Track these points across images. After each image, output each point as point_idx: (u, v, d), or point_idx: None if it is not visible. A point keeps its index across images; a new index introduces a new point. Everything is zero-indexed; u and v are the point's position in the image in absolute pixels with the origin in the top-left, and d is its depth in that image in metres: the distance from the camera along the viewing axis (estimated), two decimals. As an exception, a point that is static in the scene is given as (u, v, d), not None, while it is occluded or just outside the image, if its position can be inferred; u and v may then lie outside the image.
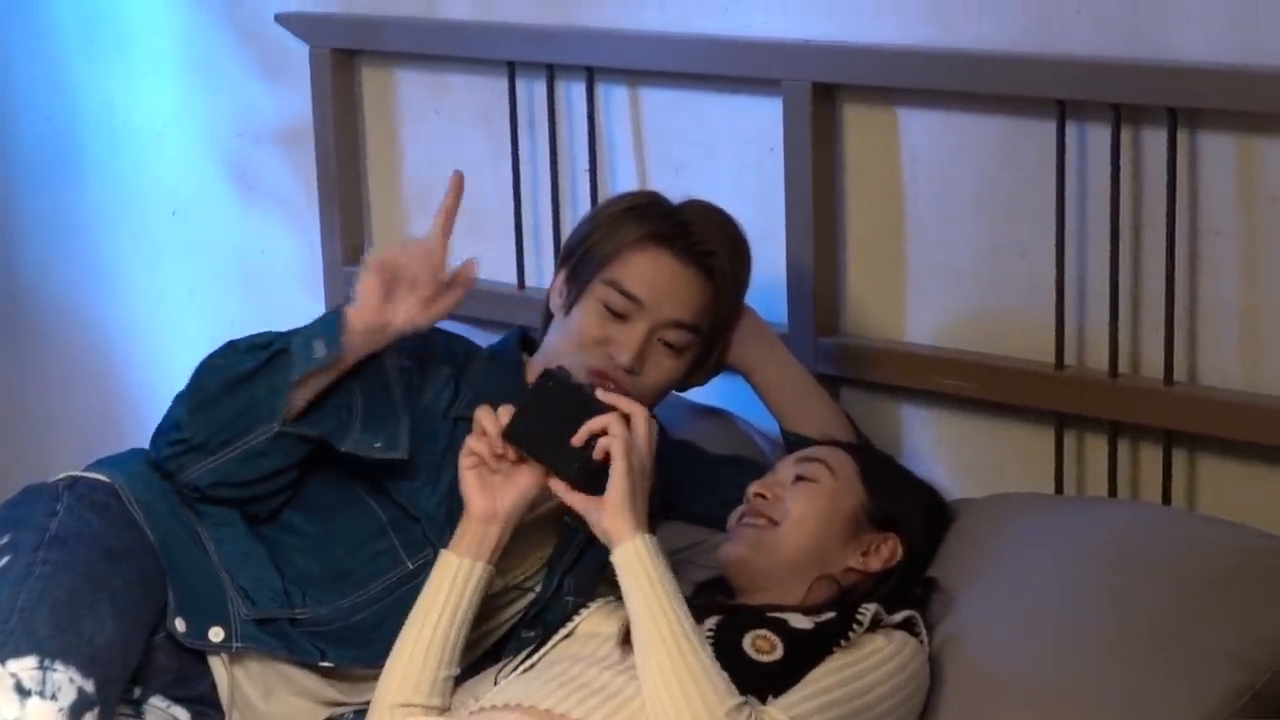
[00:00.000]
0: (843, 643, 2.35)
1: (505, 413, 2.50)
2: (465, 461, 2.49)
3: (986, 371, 2.85)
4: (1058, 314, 2.76)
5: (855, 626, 2.36)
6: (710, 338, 2.72)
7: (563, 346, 2.67)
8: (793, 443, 2.79)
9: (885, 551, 2.55)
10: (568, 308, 2.69)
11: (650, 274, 2.65)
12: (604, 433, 2.40)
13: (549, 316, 2.77)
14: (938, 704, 2.40)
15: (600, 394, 2.46)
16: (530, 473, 2.48)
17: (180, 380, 3.85)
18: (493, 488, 2.48)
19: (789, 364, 2.85)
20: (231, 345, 2.62)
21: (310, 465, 2.66)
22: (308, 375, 2.54)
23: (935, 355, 2.91)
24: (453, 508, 2.56)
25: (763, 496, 2.56)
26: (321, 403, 2.58)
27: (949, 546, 2.64)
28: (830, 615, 2.39)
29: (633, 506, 2.37)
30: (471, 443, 2.50)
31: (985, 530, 2.64)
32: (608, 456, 2.39)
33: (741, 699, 2.24)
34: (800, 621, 2.38)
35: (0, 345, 4.37)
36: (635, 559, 2.34)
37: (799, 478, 2.57)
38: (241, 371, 2.56)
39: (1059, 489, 2.82)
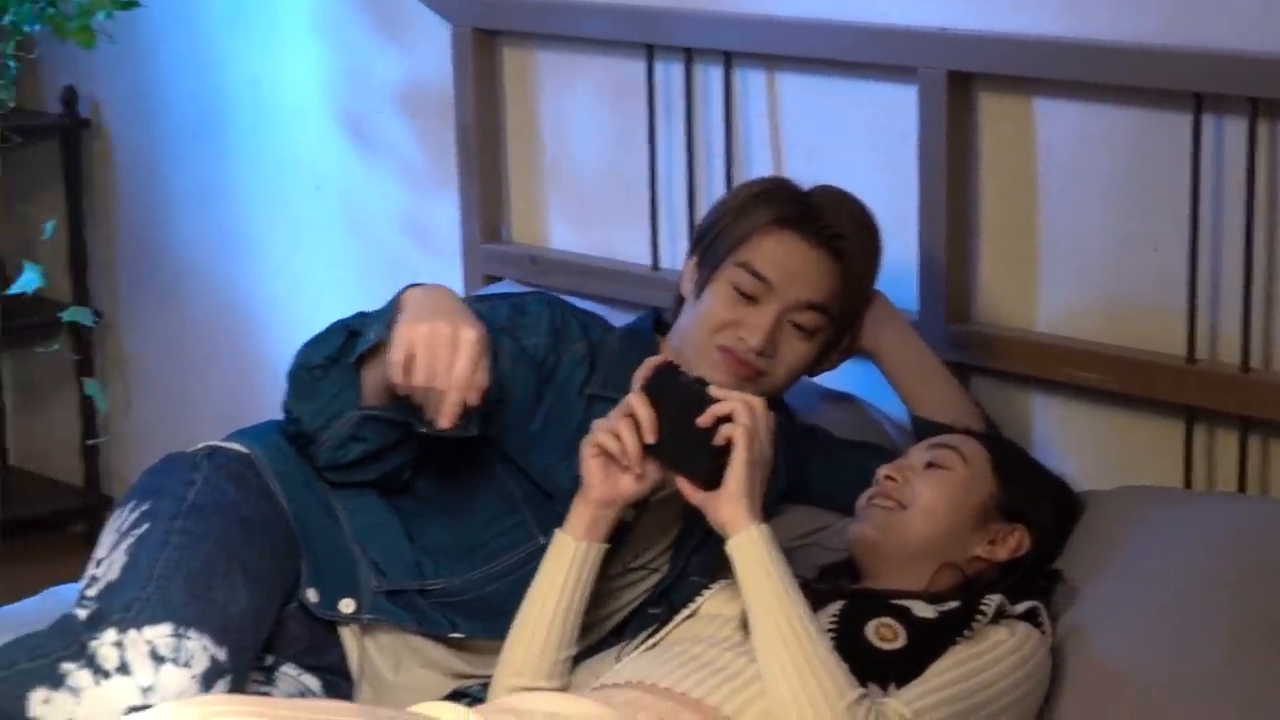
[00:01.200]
0: (966, 634, 2.34)
1: (642, 406, 2.48)
2: (590, 450, 2.48)
3: (1117, 363, 2.84)
4: (1189, 307, 2.75)
5: (979, 618, 2.36)
6: (840, 321, 2.73)
7: (693, 329, 2.69)
8: (922, 428, 2.79)
9: (1012, 542, 2.54)
10: (698, 291, 2.71)
11: (780, 256, 2.67)
12: (727, 419, 2.41)
13: (680, 300, 2.78)
14: (1058, 696, 2.40)
15: (714, 390, 2.44)
16: (656, 465, 2.49)
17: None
18: (616, 475, 2.48)
19: (919, 349, 2.85)
20: (330, 326, 2.66)
21: (441, 439, 2.69)
22: (368, 358, 2.56)
23: (1066, 346, 2.90)
24: None
25: (892, 479, 2.56)
26: None
27: (1075, 538, 2.63)
28: (954, 605, 2.39)
29: (750, 496, 2.37)
30: (605, 439, 2.46)
31: (1112, 523, 2.63)
32: (724, 449, 2.40)
33: (862, 691, 2.25)
34: (924, 610, 2.38)
35: (148, 317, 4.45)
36: (751, 549, 2.35)
37: (930, 464, 2.57)
38: (327, 355, 2.60)
39: (1188, 483, 2.81)
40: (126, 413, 4.52)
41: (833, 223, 2.69)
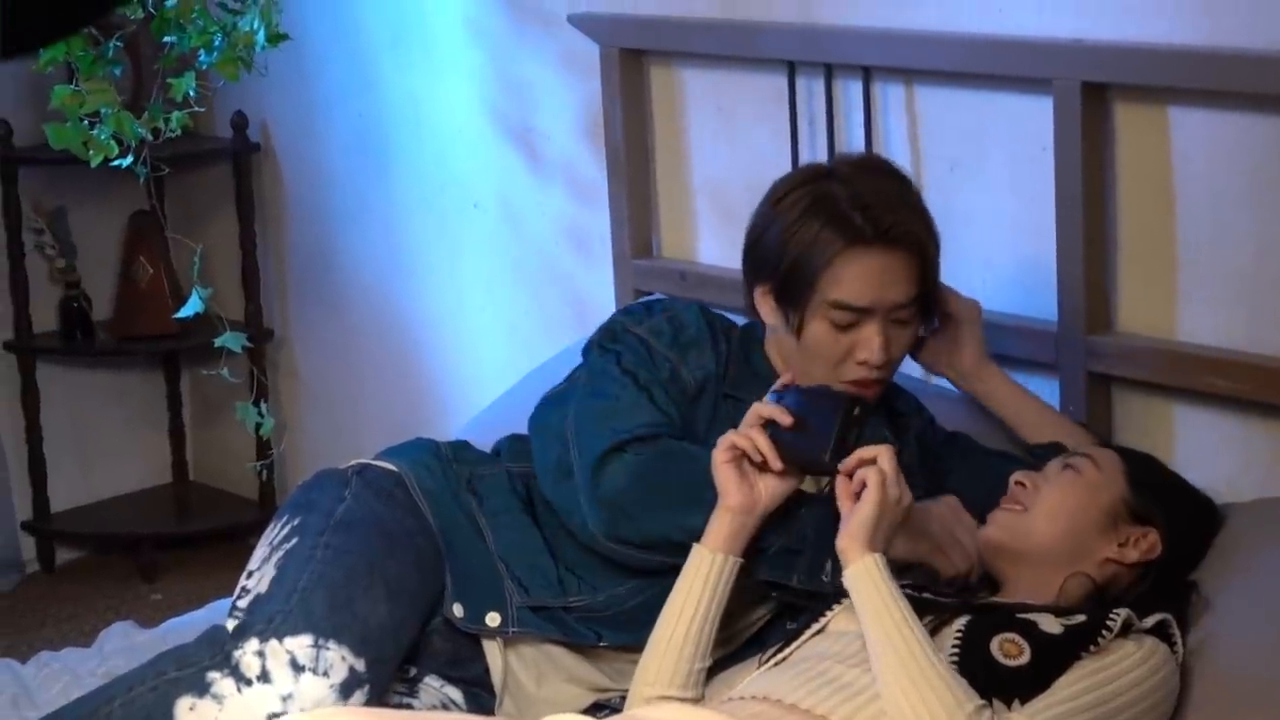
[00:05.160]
0: (1092, 649, 2.34)
1: (767, 406, 2.55)
2: (723, 456, 2.54)
3: (1259, 372, 2.81)
4: (1329, 315, 2.74)
5: (1105, 633, 2.35)
6: (929, 292, 2.72)
7: (813, 368, 2.68)
8: (1041, 456, 2.79)
9: (1145, 544, 2.52)
10: (796, 331, 2.68)
11: (863, 281, 2.64)
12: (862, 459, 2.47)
13: (755, 310, 2.77)
14: (1186, 709, 2.39)
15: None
16: (794, 473, 2.55)
17: (478, 372, 3.98)
18: (751, 480, 2.54)
19: (1024, 390, 2.87)
20: (666, 454, 2.64)
21: None
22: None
23: (1207, 355, 2.88)
24: None
25: (1022, 484, 2.57)
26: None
27: (1212, 549, 2.62)
28: (1080, 619, 2.38)
29: (871, 531, 2.41)
30: (737, 439, 2.53)
31: (1247, 535, 2.61)
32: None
33: (982, 701, 2.26)
34: (1050, 625, 2.37)
35: (318, 334, 4.55)
36: (866, 577, 2.37)
37: (1065, 468, 2.57)
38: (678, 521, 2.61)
39: (1330, 494, 2.78)
40: (298, 427, 4.62)
41: (891, 220, 2.64)
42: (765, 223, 2.72)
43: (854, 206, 2.64)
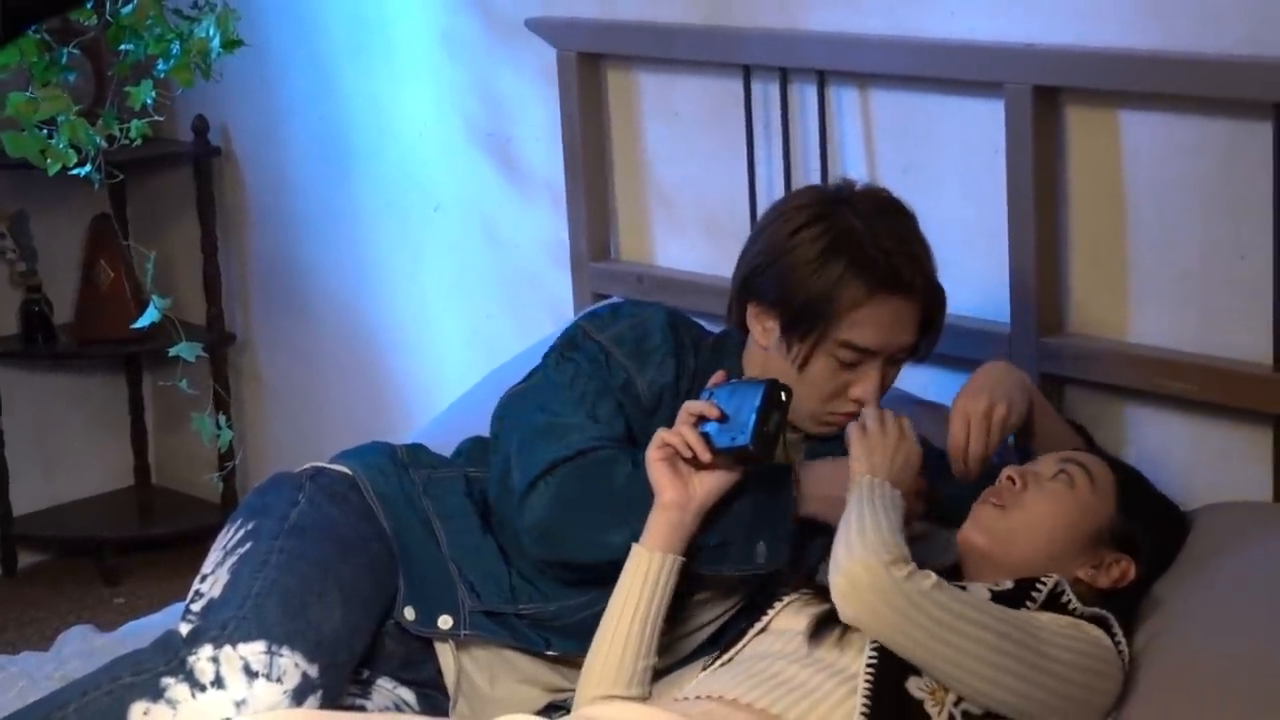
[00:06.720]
0: (1023, 609, 2.36)
1: (697, 403, 2.59)
2: (656, 454, 2.55)
3: (1208, 373, 2.83)
4: (1275, 316, 2.75)
5: (1034, 595, 2.37)
6: (929, 335, 2.73)
7: (803, 398, 2.66)
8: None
9: (1116, 572, 2.51)
10: (800, 363, 2.67)
11: (875, 325, 2.64)
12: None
13: (742, 322, 2.77)
14: (1132, 699, 2.40)
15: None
16: (727, 465, 2.56)
17: (441, 375, 3.99)
18: (685, 476, 2.55)
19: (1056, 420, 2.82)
20: (610, 463, 2.63)
21: None
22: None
23: (1157, 356, 2.90)
24: None
25: (1012, 480, 2.53)
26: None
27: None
28: (1008, 585, 2.41)
29: (865, 463, 2.49)
30: (668, 436, 2.55)
31: (1200, 540, 2.62)
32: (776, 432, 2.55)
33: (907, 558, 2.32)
34: (979, 591, 2.39)
35: (280, 338, 4.55)
36: (854, 490, 2.45)
37: (1059, 474, 2.53)
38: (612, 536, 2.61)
39: (1278, 495, 2.80)
40: (261, 431, 4.62)
41: (909, 270, 2.65)
42: (778, 250, 2.68)
43: (877, 249, 2.63)
